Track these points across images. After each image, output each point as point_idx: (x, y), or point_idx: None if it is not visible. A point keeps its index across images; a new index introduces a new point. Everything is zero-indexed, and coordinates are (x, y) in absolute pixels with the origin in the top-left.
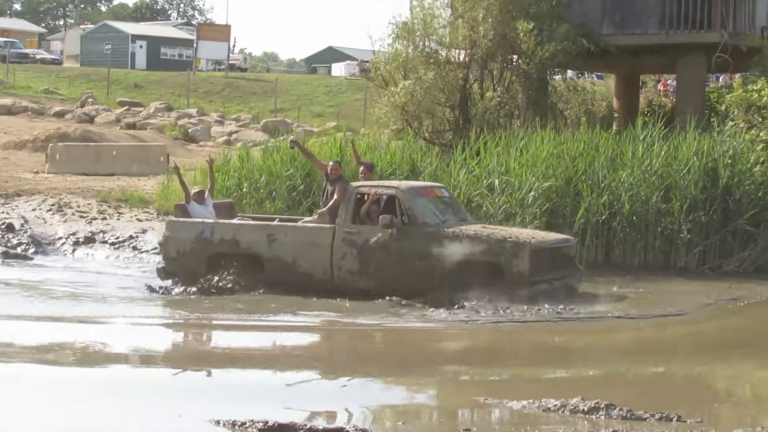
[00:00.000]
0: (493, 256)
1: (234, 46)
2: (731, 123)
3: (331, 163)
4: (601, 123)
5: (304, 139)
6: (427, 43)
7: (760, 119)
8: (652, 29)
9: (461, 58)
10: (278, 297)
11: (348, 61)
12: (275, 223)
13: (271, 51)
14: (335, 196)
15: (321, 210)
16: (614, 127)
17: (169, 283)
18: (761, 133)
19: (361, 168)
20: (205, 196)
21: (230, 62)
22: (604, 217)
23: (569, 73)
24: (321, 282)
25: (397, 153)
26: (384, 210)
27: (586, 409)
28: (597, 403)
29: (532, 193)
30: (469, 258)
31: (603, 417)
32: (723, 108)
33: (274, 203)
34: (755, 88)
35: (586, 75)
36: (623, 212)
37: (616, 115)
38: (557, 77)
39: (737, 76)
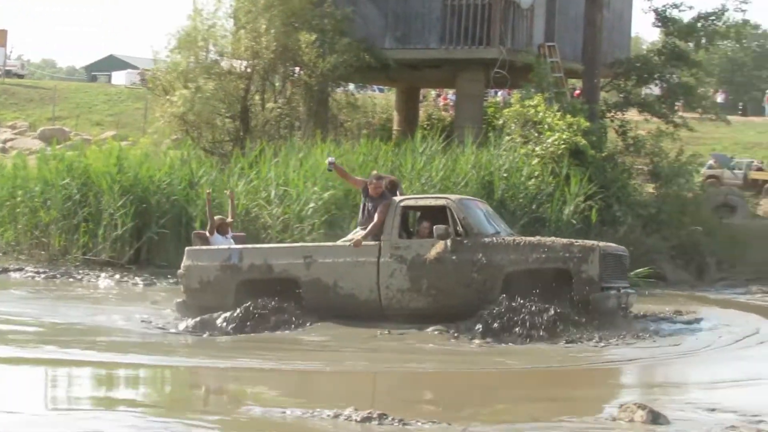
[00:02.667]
0: (561, 261)
1: (11, 51)
2: (508, 137)
3: (373, 180)
4: (381, 136)
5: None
6: (208, 54)
7: (535, 134)
8: (432, 44)
9: (243, 69)
10: None
11: (129, 70)
12: (313, 244)
13: (50, 58)
14: (377, 217)
15: (357, 239)
16: (393, 139)
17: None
18: (536, 148)
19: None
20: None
21: (6, 68)
22: None
23: (351, 86)
24: (366, 304)
25: (175, 163)
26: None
27: (359, 418)
28: (370, 413)
29: (312, 205)
30: (533, 266)
31: (376, 425)
32: (500, 123)
33: (48, 212)
34: (531, 103)
35: (368, 88)
36: None
37: (396, 128)
38: (338, 90)
39: (515, 91)
